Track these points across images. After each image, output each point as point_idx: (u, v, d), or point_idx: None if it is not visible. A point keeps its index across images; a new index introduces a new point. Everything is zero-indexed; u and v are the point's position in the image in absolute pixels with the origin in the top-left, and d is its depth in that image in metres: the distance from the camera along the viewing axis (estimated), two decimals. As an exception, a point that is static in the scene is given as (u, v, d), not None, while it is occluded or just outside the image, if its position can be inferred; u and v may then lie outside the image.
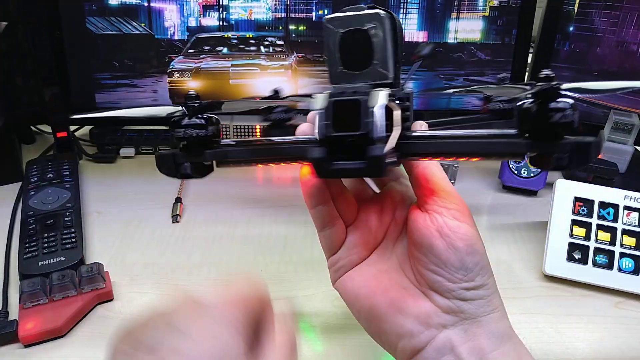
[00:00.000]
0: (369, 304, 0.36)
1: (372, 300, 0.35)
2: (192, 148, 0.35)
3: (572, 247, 0.58)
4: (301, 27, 0.74)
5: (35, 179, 0.66)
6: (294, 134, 0.37)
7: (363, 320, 0.37)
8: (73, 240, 0.56)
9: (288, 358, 0.28)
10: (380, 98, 0.30)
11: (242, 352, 0.25)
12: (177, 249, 0.61)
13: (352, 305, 0.37)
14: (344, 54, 0.35)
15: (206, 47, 0.74)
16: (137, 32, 0.73)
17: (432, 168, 0.35)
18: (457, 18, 0.74)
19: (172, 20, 0.73)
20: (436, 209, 0.34)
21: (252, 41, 0.75)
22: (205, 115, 0.34)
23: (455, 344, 0.32)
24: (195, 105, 0.34)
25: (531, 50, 0.80)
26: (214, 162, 0.36)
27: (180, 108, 0.35)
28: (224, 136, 0.48)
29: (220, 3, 0.72)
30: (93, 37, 0.72)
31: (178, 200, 0.68)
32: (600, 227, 0.58)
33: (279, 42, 0.75)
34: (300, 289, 0.55)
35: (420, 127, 0.36)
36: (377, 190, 0.41)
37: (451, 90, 0.57)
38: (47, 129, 0.83)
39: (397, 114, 0.31)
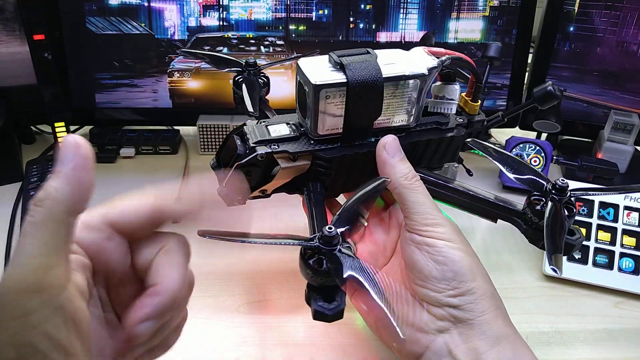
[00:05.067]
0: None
1: None
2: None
3: (572, 247, 0.58)
4: (301, 27, 0.74)
5: (35, 179, 0.66)
6: None
7: (373, 329, 0.42)
8: (73, 240, 0.56)
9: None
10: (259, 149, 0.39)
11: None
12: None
13: (365, 318, 0.42)
14: (298, 96, 0.41)
15: (206, 47, 0.74)
16: (137, 32, 0.73)
17: (405, 191, 0.39)
18: (457, 18, 0.74)
19: (172, 20, 0.73)
20: (415, 228, 0.38)
21: (252, 41, 0.75)
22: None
23: (451, 347, 0.35)
24: None
25: (531, 50, 0.80)
26: None
27: None
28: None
29: (220, 3, 0.72)
30: (93, 37, 0.72)
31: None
32: (600, 227, 0.58)
33: (279, 42, 0.75)
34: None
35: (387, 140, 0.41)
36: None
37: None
38: (47, 129, 0.83)
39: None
